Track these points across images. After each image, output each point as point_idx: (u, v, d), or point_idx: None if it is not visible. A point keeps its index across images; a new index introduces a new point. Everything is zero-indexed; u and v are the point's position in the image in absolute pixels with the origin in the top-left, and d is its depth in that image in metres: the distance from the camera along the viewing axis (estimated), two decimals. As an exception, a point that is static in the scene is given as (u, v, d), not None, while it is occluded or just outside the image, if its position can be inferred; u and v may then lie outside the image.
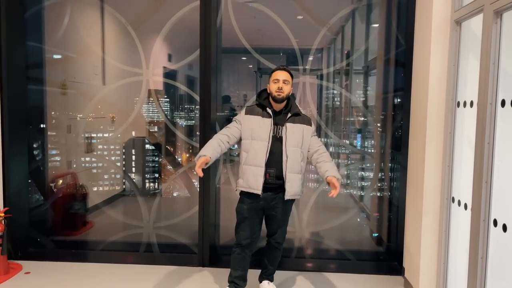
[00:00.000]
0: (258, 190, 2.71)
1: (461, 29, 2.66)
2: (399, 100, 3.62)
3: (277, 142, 2.74)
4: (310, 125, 2.86)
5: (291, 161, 2.73)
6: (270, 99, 2.80)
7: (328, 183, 2.66)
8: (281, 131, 2.76)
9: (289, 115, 2.79)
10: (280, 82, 2.73)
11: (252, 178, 2.72)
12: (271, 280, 3.09)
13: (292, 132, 2.77)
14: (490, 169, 2.14)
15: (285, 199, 2.75)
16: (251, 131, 2.77)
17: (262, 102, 2.82)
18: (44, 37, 3.97)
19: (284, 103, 2.80)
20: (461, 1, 2.64)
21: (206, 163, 2.63)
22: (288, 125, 2.77)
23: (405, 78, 3.36)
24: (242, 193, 2.83)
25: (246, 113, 2.84)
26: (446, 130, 2.75)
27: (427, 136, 2.83)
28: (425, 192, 2.85)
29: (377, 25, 4.17)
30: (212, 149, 2.69)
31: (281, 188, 2.75)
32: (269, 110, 2.78)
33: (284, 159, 2.72)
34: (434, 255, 2.86)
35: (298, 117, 2.82)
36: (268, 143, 2.72)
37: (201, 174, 2.60)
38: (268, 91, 2.82)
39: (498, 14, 2.13)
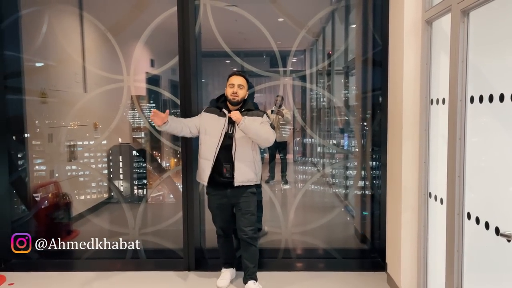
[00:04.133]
0: (204, 182, 3.03)
1: (432, 29, 2.72)
2: (378, 99, 3.67)
3: (229, 139, 3.01)
4: (262, 117, 3.07)
5: (240, 149, 2.98)
6: (227, 102, 3.07)
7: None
8: (234, 127, 2.99)
9: (243, 110, 3.04)
10: (235, 87, 3.02)
11: (201, 171, 3.05)
12: (255, 279, 3.12)
13: None
14: (462, 164, 2.20)
15: (235, 185, 2.97)
16: (205, 127, 3.07)
17: (219, 105, 3.11)
18: (22, 46, 3.94)
19: (240, 105, 3.07)
20: (431, 1, 2.71)
21: (164, 122, 2.92)
22: None
23: (382, 77, 3.42)
24: (207, 190, 3.16)
25: (205, 111, 3.16)
26: (421, 127, 2.81)
27: (404, 133, 2.89)
28: (404, 188, 2.91)
29: (355, 25, 4.23)
30: (171, 118, 3.00)
31: None
32: (225, 111, 3.06)
33: (233, 148, 2.98)
34: (414, 249, 2.91)
35: (250, 111, 3.06)
36: (220, 139, 2.99)
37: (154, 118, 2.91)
38: (225, 94, 3.10)
39: (465, 13, 2.19)
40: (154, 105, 5.55)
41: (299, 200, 3.94)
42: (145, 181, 5.42)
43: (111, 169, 5.14)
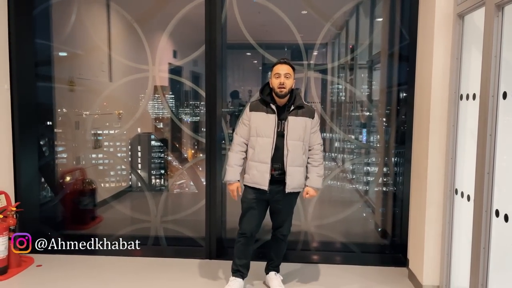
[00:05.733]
0: (265, 186, 2.76)
1: (463, 23, 2.68)
2: (403, 94, 3.64)
3: (280, 137, 2.77)
4: (313, 117, 2.86)
5: (292, 155, 2.76)
6: (273, 94, 2.79)
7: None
8: (284, 125, 2.77)
9: (292, 108, 2.79)
10: (281, 77, 2.71)
11: (258, 175, 2.77)
12: (277, 271, 3.14)
13: (294, 125, 2.78)
14: (492, 161, 2.17)
15: (286, 192, 2.79)
16: (256, 128, 2.79)
17: (265, 98, 2.80)
18: (52, 35, 4.02)
19: (288, 97, 2.79)
20: (463, -5, 2.66)
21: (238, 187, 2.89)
22: (290, 118, 2.77)
23: (409, 72, 3.38)
24: (247, 186, 2.88)
25: (250, 110, 2.84)
26: (449, 123, 2.77)
27: (431, 129, 2.86)
28: (429, 184, 2.88)
29: (381, 19, 4.18)
30: (239, 169, 2.88)
31: (285, 182, 2.80)
32: (272, 106, 2.77)
33: (285, 153, 2.75)
34: (437, 246, 2.89)
35: (301, 110, 2.81)
36: (273, 140, 2.75)
37: (236, 198, 2.88)
38: (271, 86, 2.81)
39: (500, 7, 2.15)
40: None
41: (319, 194, 3.94)
42: (167, 171, 5.50)
43: (134, 158, 5.23)
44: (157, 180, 5.45)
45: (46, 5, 3.91)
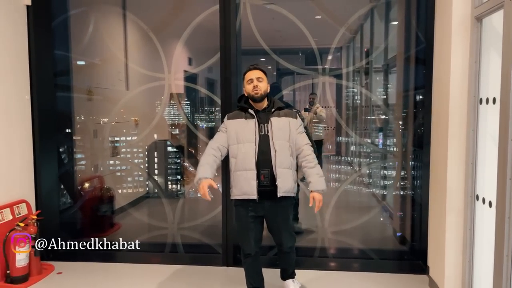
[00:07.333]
0: (254, 195, 2.65)
1: (482, 26, 2.63)
2: (420, 97, 3.59)
3: (264, 140, 2.69)
4: (296, 118, 2.81)
5: (280, 156, 2.67)
6: (250, 101, 2.78)
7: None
8: (267, 128, 2.72)
9: (273, 110, 2.77)
10: (254, 81, 2.72)
11: (246, 183, 2.66)
12: (293, 277, 3.11)
13: (278, 125, 2.72)
14: (514, 166, 2.12)
15: (278, 195, 2.65)
16: (236, 135, 2.72)
17: (243, 105, 2.79)
18: (71, 45, 4.11)
19: (266, 101, 2.79)
20: (481, -3, 2.62)
21: (211, 183, 2.63)
22: (273, 119, 2.73)
23: (426, 76, 3.34)
24: (237, 203, 2.77)
25: (228, 119, 2.82)
26: (469, 127, 2.72)
27: (450, 133, 2.81)
28: (449, 190, 2.83)
29: (396, 22, 4.14)
30: (211, 168, 2.70)
31: (275, 193, 2.67)
32: (251, 111, 2.74)
33: (272, 154, 2.66)
34: (459, 253, 2.83)
35: (282, 111, 2.79)
36: (256, 144, 2.67)
37: (209, 198, 2.63)
38: (245, 94, 2.81)
39: (520, 9, 2.10)
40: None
41: (336, 199, 3.91)
42: (183, 177, 5.55)
43: (151, 165, 5.29)
44: (174, 187, 5.50)
45: (64, 16, 4.00)
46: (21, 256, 3.20)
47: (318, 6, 4.02)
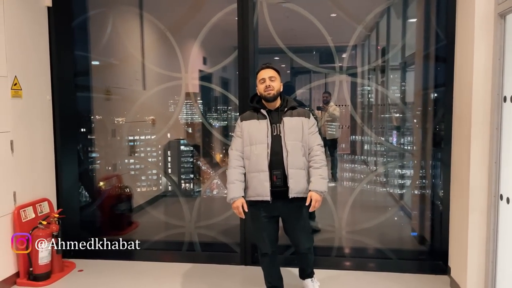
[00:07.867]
0: (267, 197, 2.63)
1: (505, 22, 2.58)
2: (439, 96, 3.54)
3: (277, 141, 2.66)
4: (309, 117, 2.77)
5: (292, 156, 2.64)
6: (263, 101, 2.75)
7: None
8: (279, 128, 2.69)
9: (286, 109, 2.73)
10: (267, 81, 2.68)
11: (259, 185, 2.65)
12: (312, 276, 3.09)
13: (290, 125, 2.69)
14: (542, 166, 2.08)
15: (290, 197, 2.63)
16: (249, 137, 2.70)
17: (255, 105, 2.76)
18: (90, 46, 4.16)
19: (278, 100, 2.75)
20: (505, -7, 2.57)
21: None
22: (285, 119, 2.70)
23: (446, 74, 3.29)
24: (252, 203, 2.73)
25: (242, 120, 2.79)
26: (492, 126, 2.68)
27: (472, 132, 2.76)
28: (471, 189, 2.79)
29: (414, 20, 4.09)
30: (242, 184, 2.71)
31: (287, 193, 2.66)
32: (263, 111, 2.71)
33: (284, 155, 2.63)
34: (482, 253, 2.79)
35: (295, 110, 2.75)
36: (268, 145, 2.64)
37: (243, 216, 2.69)
38: (258, 93, 2.78)
39: (547, 5, 2.06)
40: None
41: (353, 198, 3.88)
42: (199, 176, 5.58)
43: (167, 164, 5.33)
44: (190, 185, 5.54)
45: (83, 17, 4.04)
46: (44, 254, 3.25)
47: (334, 3, 3.99)
